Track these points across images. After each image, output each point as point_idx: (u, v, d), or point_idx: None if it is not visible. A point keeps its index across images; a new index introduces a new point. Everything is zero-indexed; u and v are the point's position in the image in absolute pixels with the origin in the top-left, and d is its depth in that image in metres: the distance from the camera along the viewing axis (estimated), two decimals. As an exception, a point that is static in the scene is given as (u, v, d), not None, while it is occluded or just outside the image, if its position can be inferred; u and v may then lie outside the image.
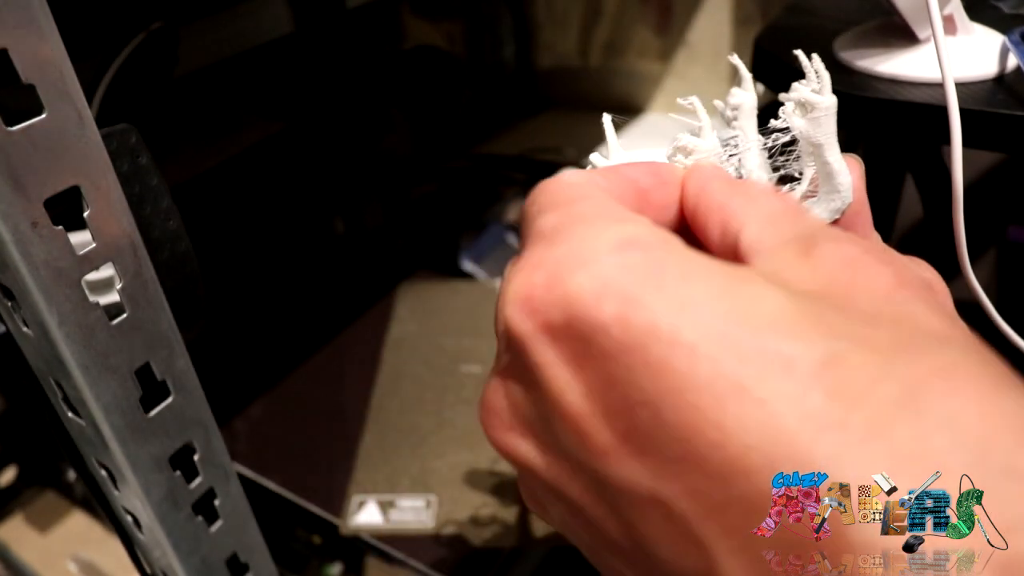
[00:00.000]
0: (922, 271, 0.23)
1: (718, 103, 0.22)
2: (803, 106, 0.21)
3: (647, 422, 0.13)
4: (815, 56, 0.21)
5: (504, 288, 0.16)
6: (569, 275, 0.14)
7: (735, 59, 0.22)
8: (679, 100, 0.21)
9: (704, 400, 0.12)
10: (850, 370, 0.12)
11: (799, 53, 0.21)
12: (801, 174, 0.22)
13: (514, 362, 0.16)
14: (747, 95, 0.22)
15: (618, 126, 0.22)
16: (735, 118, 0.22)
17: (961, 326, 0.15)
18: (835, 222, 0.22)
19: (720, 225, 0.17)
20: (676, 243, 0.15)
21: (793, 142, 0.22)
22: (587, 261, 0.14)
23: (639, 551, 0.15)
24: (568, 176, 0.17)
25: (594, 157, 0.21)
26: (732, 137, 0.22)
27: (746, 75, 0.22)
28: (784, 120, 0.22)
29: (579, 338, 0.14)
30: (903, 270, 0.16)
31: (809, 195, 0.22)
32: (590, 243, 0.14)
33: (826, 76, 0.21)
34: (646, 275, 0.14)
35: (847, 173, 0.21)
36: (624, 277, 0.14)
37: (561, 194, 0.17)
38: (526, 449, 0.16)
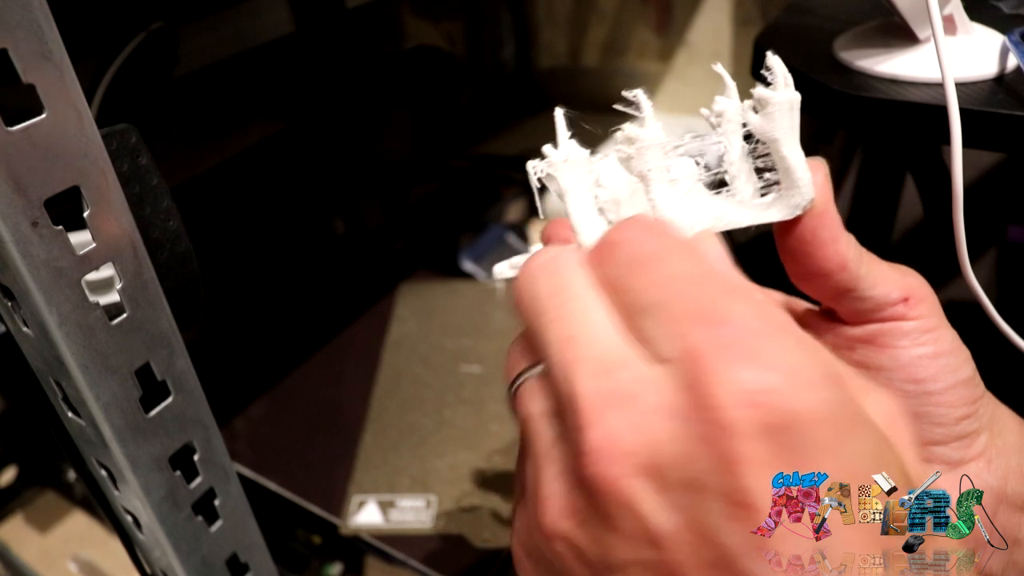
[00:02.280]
0: (908, 279, 0.23)
1: (704, 111, 0.23)
2: (759, 102, 0.22)
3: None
4: (768, 53, 0.22)
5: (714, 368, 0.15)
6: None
7: (719, 68, 0.23)
8: (624, 93, 0.21)
9: None
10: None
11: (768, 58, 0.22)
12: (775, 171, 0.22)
13: (691, 403, 0.15)
14: (730, 103, 0.22)
15: (572, 121, 0.22)
16: (719, 125, 0.22)
17: None
18: (797, 219, 0.22)
19: None
20: None
21: (750, 137, 0.22)
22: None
23: None
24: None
25: (546, 148, 0.22)
26: (716, 142, 0.22)
27: (730, 84, 0.23)
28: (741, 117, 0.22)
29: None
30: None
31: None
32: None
33: (780, 71, 0.21)
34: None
35: (806, 169, 0.22)
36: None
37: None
38: (644, 494, 0.15)
